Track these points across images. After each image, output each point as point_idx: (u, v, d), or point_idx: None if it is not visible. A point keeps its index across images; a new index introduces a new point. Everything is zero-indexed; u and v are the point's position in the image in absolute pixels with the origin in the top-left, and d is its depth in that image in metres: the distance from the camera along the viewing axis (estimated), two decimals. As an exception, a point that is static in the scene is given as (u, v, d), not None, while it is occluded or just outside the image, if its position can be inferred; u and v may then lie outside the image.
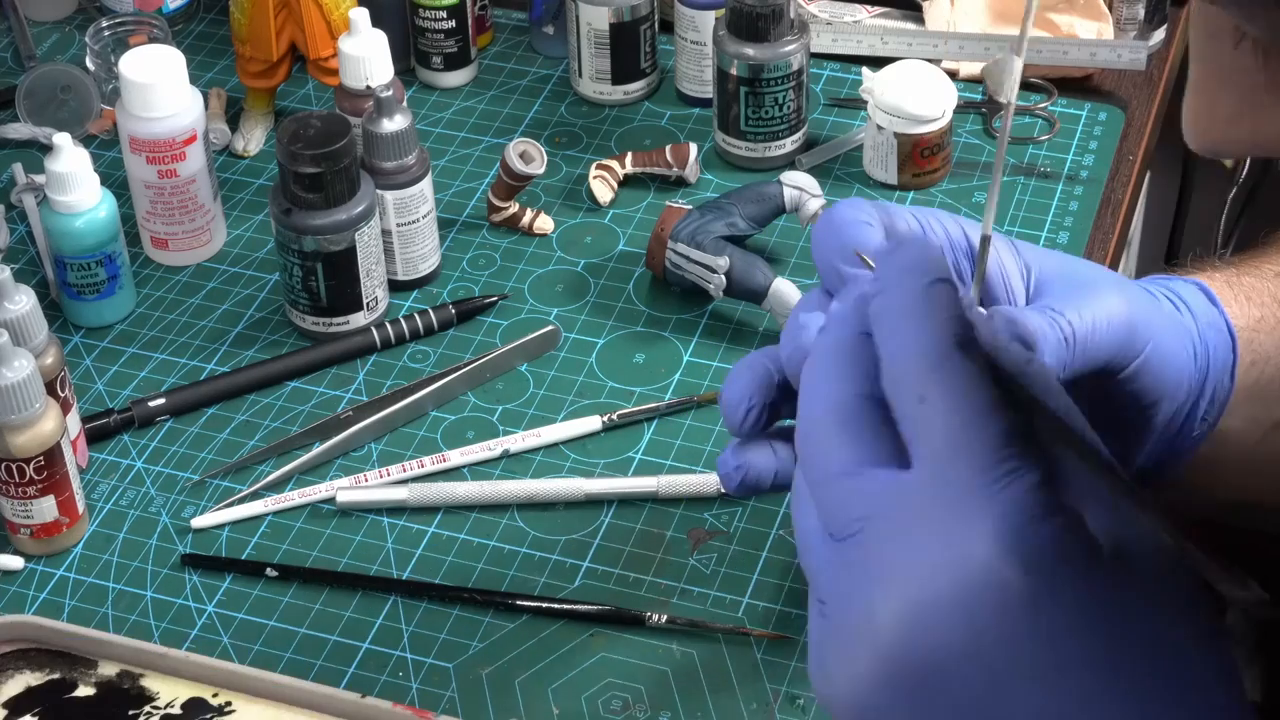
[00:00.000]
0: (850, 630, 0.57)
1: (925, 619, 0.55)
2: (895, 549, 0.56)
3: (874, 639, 0.56)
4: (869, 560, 0.57)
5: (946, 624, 0.54)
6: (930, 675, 0.55)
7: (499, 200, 1.27)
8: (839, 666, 0.57)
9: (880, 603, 0.56)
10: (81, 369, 1.19)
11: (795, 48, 1.28)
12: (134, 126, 1.21)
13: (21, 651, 0.98)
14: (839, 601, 0.57)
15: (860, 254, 0.73)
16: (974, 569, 0.54)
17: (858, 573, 0.57)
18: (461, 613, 1.03)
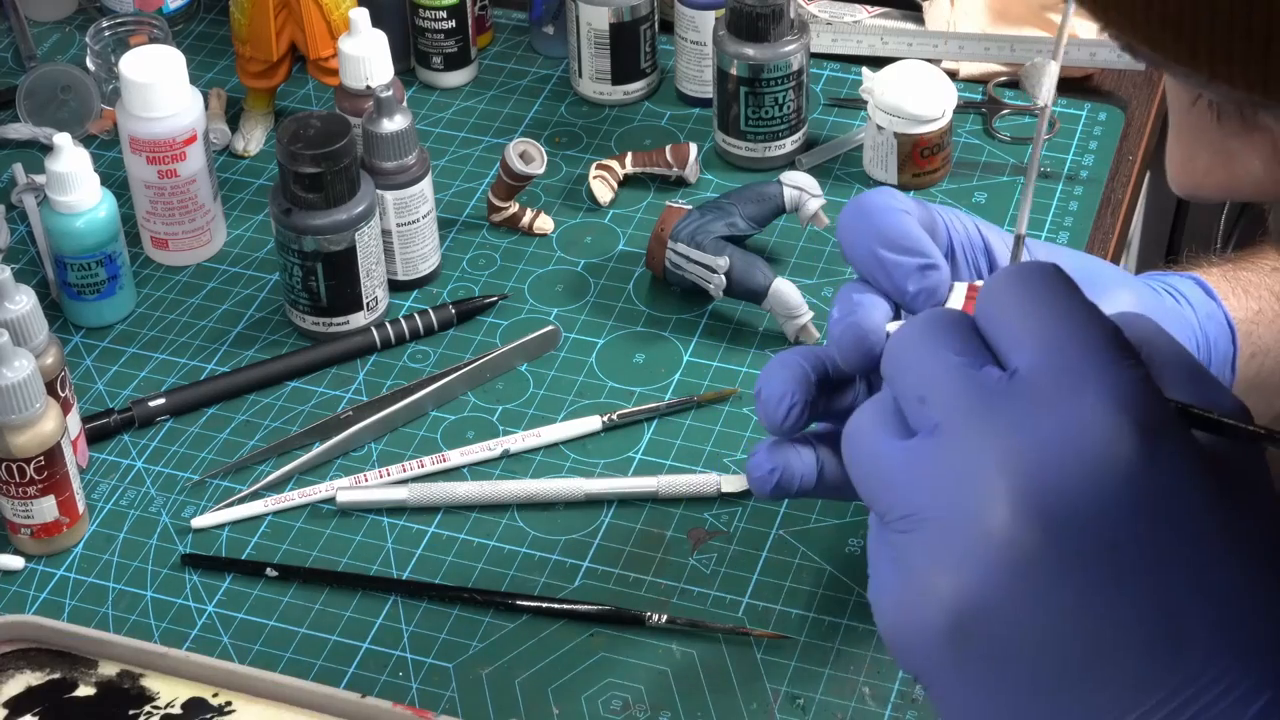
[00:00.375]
0: (958, 526, 0.55)
1: (1046, 495, 0.54)
2: (1005, 431, 0.55)
3: (990, 526, 0.55)
4: (977, 446, 0.56)
5: (1067, 499, 0.54)
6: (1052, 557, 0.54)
7: (499, 200, 1.27)
8: (945, 571, 0.55)
9: (993, 488, 0.55)
10: (82, 369, 1.19)
11: (795, 48, 1.28)
12: (134, 126, 1.21)
13: (22, 651, 0.98)
14: (935, 502, 0.56)
15: None
16: (1093, 439, 0.54)
17: (962, 463, 0.56)
18: (461, 613, 1.03)
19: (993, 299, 0.59)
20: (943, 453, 0.57)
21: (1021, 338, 0.57)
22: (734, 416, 1.14)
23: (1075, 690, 0.55)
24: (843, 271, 1.24)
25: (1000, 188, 1.31)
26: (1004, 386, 0.57)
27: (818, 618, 1.02)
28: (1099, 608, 0.54)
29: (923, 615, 0.56)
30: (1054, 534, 0.54)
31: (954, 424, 0.57)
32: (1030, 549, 0.54)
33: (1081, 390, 0.55)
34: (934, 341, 0.59)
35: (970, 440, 0.56)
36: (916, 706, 0.98)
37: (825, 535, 1.07)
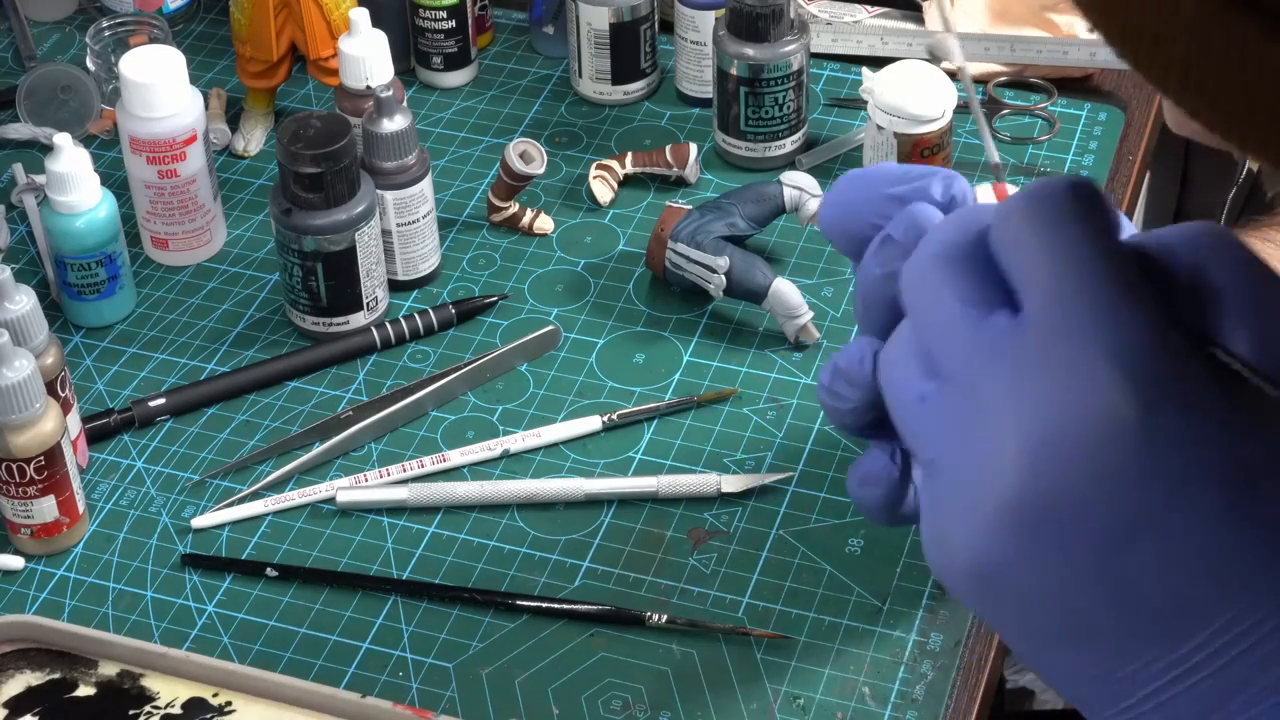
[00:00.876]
0: (967, 480, 0.55)
1: (1048, 455, 0.54)
2: (1012, 385, 0.55)
3: (996, 483, 0.54)
4: (985, 402, 0.55)
5: (1069, 459, 0.54)
6: (1056, 515, 0.54)
7: (499, 200, 1.27)
8: (958, 521, 0.56)
9: (1000, 444, 0.54)
10: (82, 369, 1.19)
11: (795, 48, 1.28)
12: (134, 126, 1.21)
13: (22, 651, 0.98)
14: (951, 452, 0.56)
15: None
16: (1095, 402, 0.53)
17: (972, 417, 0.56)
18: (461, 613, 1.03)
19: (1007, 227, 0.57)
20: (953, 402, 0.57)
21: (1030, 276, 0.56)
22: (734, 416, 1.14)
23: (1103, 638, 0.55)
24: (843, 271, 1.24)
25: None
26: (1008, 337, 0.56)
27: (818, 618, 1.02)
28: (1106, 568, 0.54)
29: (947, 557, 0.56)
30: (1057, 493, 0.54)
31: (966, 376, 0.56)
32: (1035, 506, 0.54)
33: (1084, 346, 0.54)
34: (942, 283, 0.58)
35: (981, 393, 0.56)
36: (916, 706, 0.98)
37: (825, 535, 1.07)
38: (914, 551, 1.05)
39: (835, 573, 1.04)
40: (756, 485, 1.09)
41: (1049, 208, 0.57)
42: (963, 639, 1.01)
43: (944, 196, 0.76)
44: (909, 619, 1.02)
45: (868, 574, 1.04)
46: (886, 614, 1.02)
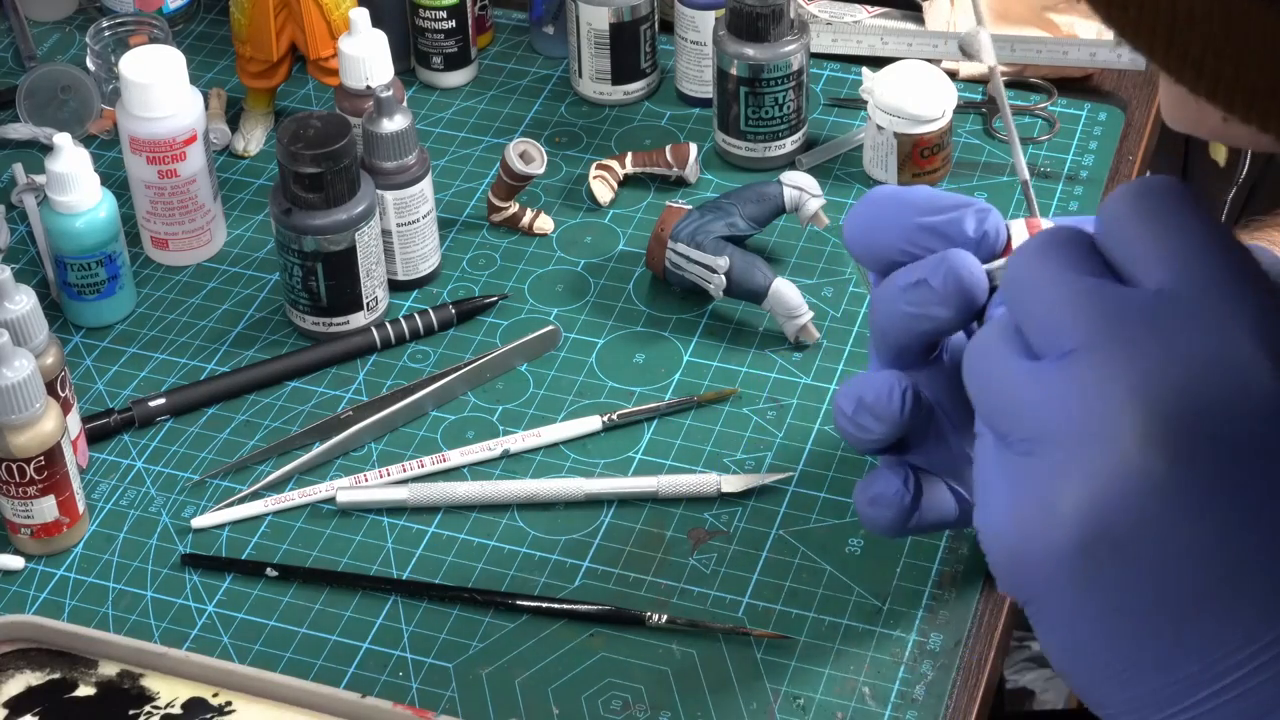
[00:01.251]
0: (1089, 448, 0.54)
1: (1181, 420, 0.53)
2: (1141, 355, 0.54)
3: (1123, 449, 0.53)
4: (1109, 371, 0.54)
5: (1204, 426, 0.53)
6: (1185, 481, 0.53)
7: (499, 200, 1.27)
8: (1075, 492, 0.54)
9: (1128, 412, 0.53)
10: (82, 369, 1.19)
11: (795, 48, 1.28)
12: (134, 126, 1.21)
13: (22, 651, 0.98)
14: (1066, 424, 0.55)
15: None
16: (1233, 367, 0.53)
17: (1096, 386, 0.55)
18: (461, 613, 1.03)
19: (1116, 216, 0.57)
20: (1076, 374, 0.55)
21: (1153, 257, 0.56)
22: (734, 416, 1.14)
23: (1199, 618, 0.54)
24: (843, 271, 1.24)
25: (1000, 188, 1.31)
26: (1137, 308, 0.55)
27: (818, 618, 1.02)
28: (1226, 538, 0.53)
29: (1047, 535, 0.55)
30: (1187, 462, 0.53)
31: (1086, 346, 0.55)
32: (1161, 475, 0.53)
33: (1220, 316, 0.54)
34: (1057, 262, 0.57)
35: (1103, 363, 0.55)
36: (916, 706, 0.98)
37: (825, 535, 1.07)
38: (914, 551, 1.05)
39: (835, 573, 1.04)
40: (756, 485, 1.09)
41: (1163, 195, 0.57)
42: (963, 639, 1.01)
43: (976, 232, 0.75)
44: (909, 619, 1.02)
45: (868, 574, 1.04)
46: (886, 614, 1.02)
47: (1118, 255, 0.57)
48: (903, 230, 0.76)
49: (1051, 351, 0.57)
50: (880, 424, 0.79)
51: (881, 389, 0.78)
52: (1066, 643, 0.56)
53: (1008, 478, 0.57)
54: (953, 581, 1.04)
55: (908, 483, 0.81)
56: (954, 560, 1.05)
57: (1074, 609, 0.56)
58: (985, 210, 0.77)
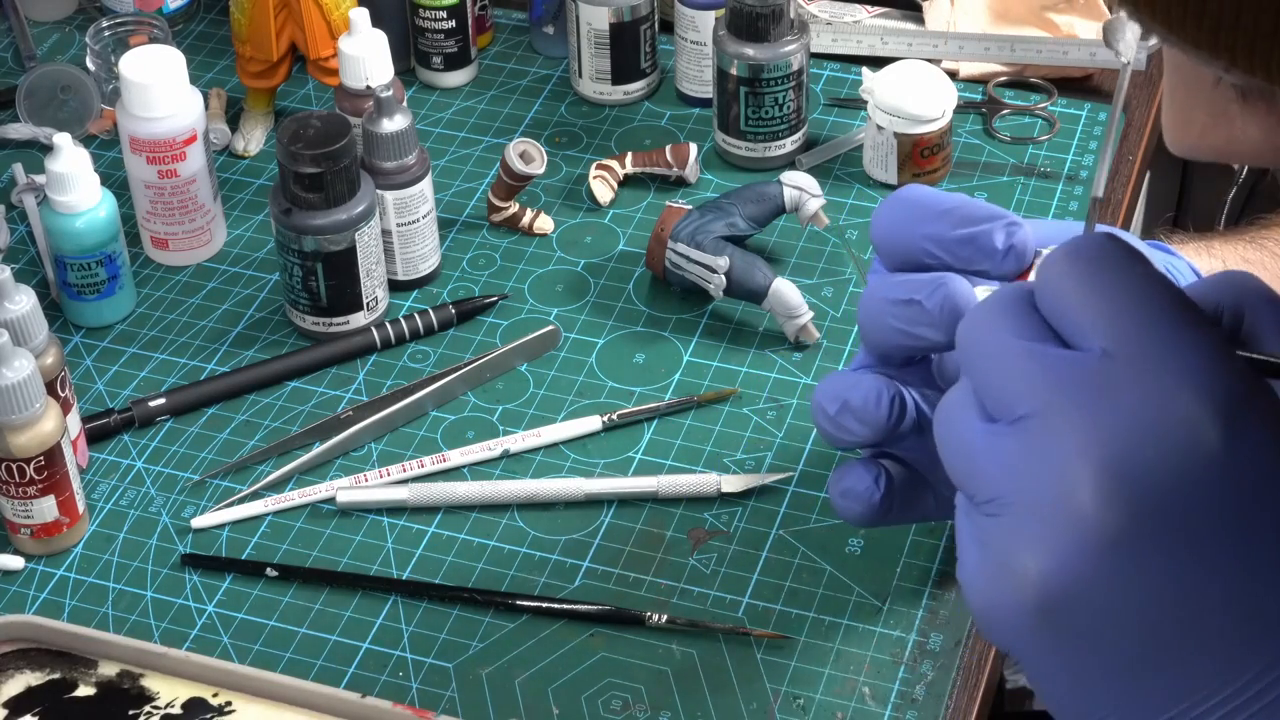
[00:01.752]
0: (1044, 511, 0.55)
1: (1130, 480, 0.54)
2: (1089, 417, 0.55)
3: (1076, 511, 0.55)
4: (1060, 434, 0.56)
5: (1151, 484, 0.54)
6: (1137, 539, 0.54)
7: (499, 200, 1.27)
8: (1032, 554, 0.56)
9: (1077, 474, 0.55)
10: (82, 369, 1.19)
11: (795, 48, 1.28)
12: (134, 126, 1.21)
13: (22, 651, 0.98)
14: (1021, 488, 0.56)
15: None
16: (1176, 424, 0.54)
17: (1047, 450, 0.56)
18: (461, 613, 1.03)
19: (1053, 278, 0.58)
20: (1027, 439, 0.57)
21: (1091, 319, 0.57)
22: (734, 416, 1.14)
23: (1164, 671, 0.55)
24: (843, 271, 1.24)
25: (1000, 188, 1.31)
26: (1080, 372, 0.56)
27: (818, 618, 1.02)
28: (1185, 590, 0.54)
29: (1012, 596, 0.56)
30: (1140, 517, 0.54)
31: (1035, 412, 0.57)
32: (1117, 532, 0.54)
33: (1160, 374, 0.55)
34: (1003, 327, 0.59)
35: (1053, 427, 0.56)
36: (916, 706, 0.98)
37: (825, 535, 1.07)
38: (914, 551, 1.05)
39: (835, 573, 1.04)
40: (756, 485, 1.09)
41: (1096, 254, 0.58)
42: (963, 639, 1.01)
43: (1005, 244, 0.76)
44: (909, 619, 1.02)
45: (868, 574, 1.04)
46: (886, 614, 1.02)
47: (1058, 320, 0.58)
48: (932, 235, 0.76)
49: (1006, 416, 0.58)
50: (864, 428, 0.80)
51: (870, 394, 0.79)
52: (1043, 690, 0.58)
53: (975, 538, 0.58)
54: (953, 581, 1.04)
55: (879, 480, 0.82)
56: (954, 560, 1.05)
57: (1044, 662, 0.57)
58: (1015, 226, 0.77)
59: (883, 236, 0.79)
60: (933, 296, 0.75)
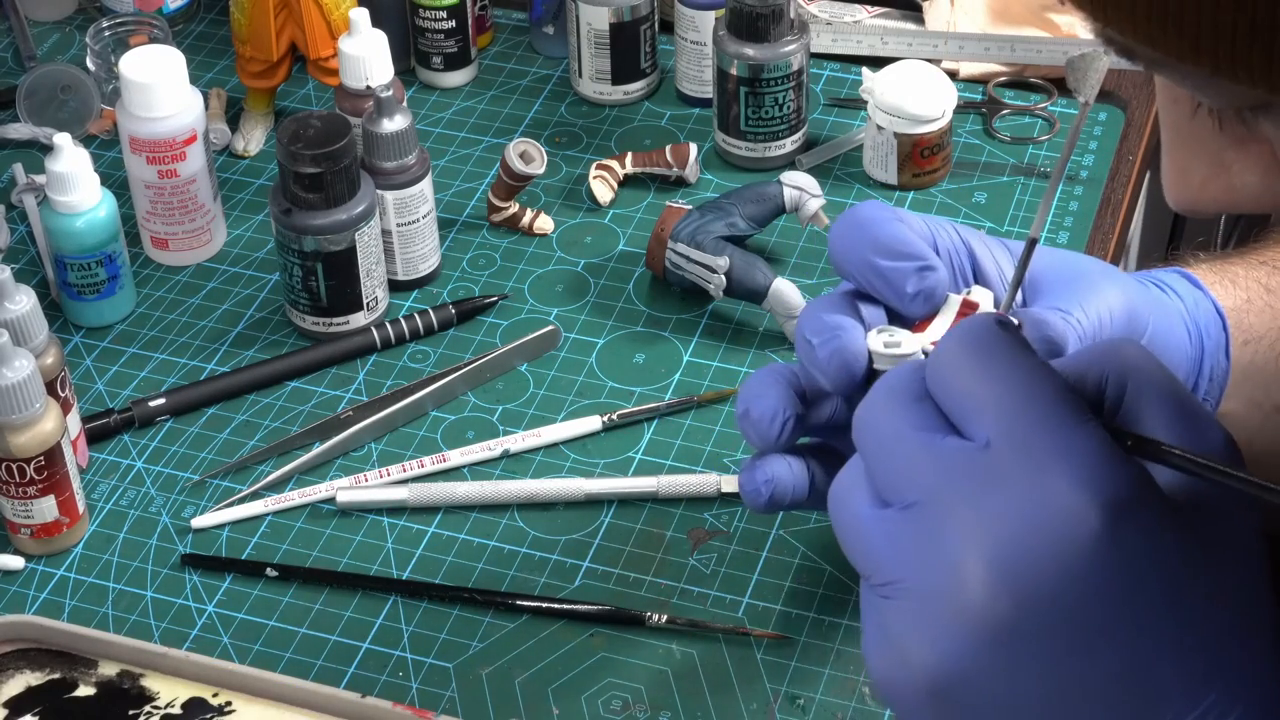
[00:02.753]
0: (933, 599, 0.57)
1: (1015, 571, 0.55)
2: (976, 507, 0.57)
3: (963, 601, 0.56)
4: (948, 523, 0.57)
5: (1036, 574, 0.55)
6: (1024, 629, 0.55)
7: (499, 200, 1.27)
8: (922, 641, 0.57)
9: (967, 562, 0.56)
10: (81, 369, 1.19)
11: (795, 48, 1.28)
12: (134, 126, 1.21)
13: (22, 651, 0.98)
14: (913, 574, 0.58)
15: None
16: (1058, 516, 0.55)
17: (936, 539, 0.57)
18: (461, 613, 1.03)
19: (943, 365, 0.60)
20: (915, 527, 0.58)
21: (977, 409, 0.59)
22: (734, 417, 1.14)
23: None
24: (843, 271, 1.24)
25: (1000, 188, 1.31)
26: (967, 463, 0.58)
27: (818, 618, 1.02)
28: (1073, 677, 0.56)
29: (906, 676, 0.58)
30: (1025, 609, 0.56)
31: (924, 501, 0.58)
32: (1003, 622, 0.56)
33: (1043, 466, 0.56)
34: (896, 411, 0.60)
35: (942, 516, 0.58)
36: (916, 706, 0.98)
37: (825, 535, 1.07)
38: (914, 551, 1.05)
39: (835, 573, 1.04)
40: (756, 485, 1.09)
41: (984, 341, 0.60)
42: (963, 639, 1.01)
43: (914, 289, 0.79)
44: (909, 619, 1.02)
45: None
46: (886, 614, 1.02)
47: (947, 405, 0.60)
48: (857, 262, 0.79)
49: (897, 501, 0.59)
50: (759, 440, 0.82)
51: (766, 412, 0.82)
52: None
53: (872, 618, 0.60)
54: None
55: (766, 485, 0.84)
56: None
57: None
58: (931, 270, 0.79)
59: (832, 255, 0.82)
60: (826, 345, 0.77)
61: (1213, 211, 0.59)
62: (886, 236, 0.79)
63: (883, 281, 0.79)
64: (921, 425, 0.59)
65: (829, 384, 0.78)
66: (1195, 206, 0.59)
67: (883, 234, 0.79)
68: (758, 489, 0.82)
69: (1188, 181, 0.58)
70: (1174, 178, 0.59)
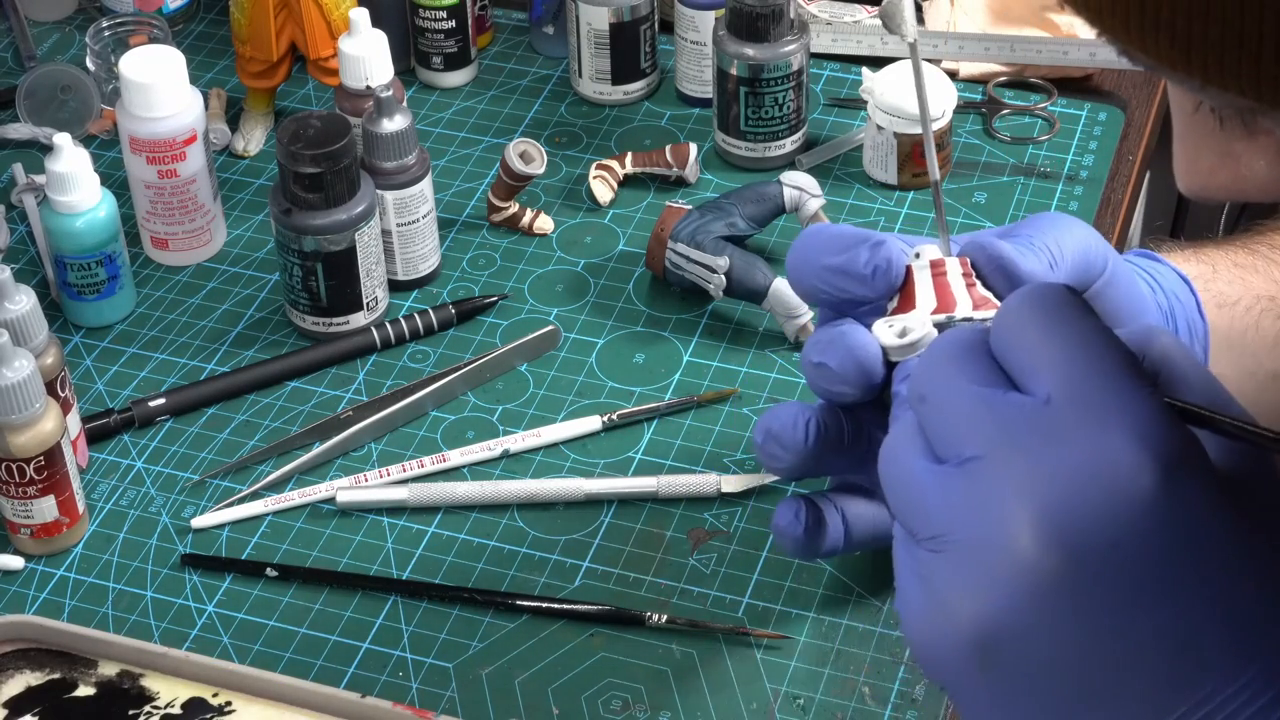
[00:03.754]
0: (983, 552, 0.57)
1: (1069, 524, 0.55)
2: (1031, 462, 0.57)
3: (1014, 553, 0.56)
4: (1002, 477, 0.57)
5: (1090, 527, 0.55)
6: (1075, 583, 0.55)
7: (499, 200, 1.27)
8: (970, 594, 0.57)
9: (1018, 516, 0.56)
10: (81, 369, 1.19)
11: (795, 48, 1.28)
12: (134, 126, 1.21)
13: (22, 651, 0.98)
14: (964, 527, 0.58)
15: None
16: (1116, 471, 0.55)
17: (989, 492, 0.57)
18: (461, 613, 1.03)
19: (1010, 324, 0.60)
20: (973, 481, 0.58)
21: (1041, 366, 0.59)
22: (734, 416, 1.14)
23: (1098, 711, 0.56)
24: (843, 271, 1.24)
25: (1000, 188, 1.31)
26: (1027, 417, 0.58)
27: (818, 618, 1.02)
28: (1119, 633, 0.56)
29: (950, 633, 0.58)
30: (1077, 562, 0.56)
31: (981, 454, 0.58)
32: (1054, 575, 0.56)
33: (1104, 422, 0.57)
34: (955, 370, 0.61)
35: (998, 470, 0.58)
36: (916, 706, 0.98)
37: (825, 535, 1.07)
38: (914, 551, 1.05)
39: (835, 573, 1.04)
40: (756, 485, 1.09)
41: (1051, 302, 0.60)
42: (963, 639, 1.01)
43: (868, 266, 0.79)
44: (909, 619, 1.02)
45: (868, 574, 1.04)
46: (886, 614, 1.02)
47: (1010, 362, 0.60)
48: (815, 270, 0.80)
49: (953, 457, 0.60)
50: (786, 452, 0.83)
51: (786, 419, 0.83)
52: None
53: (916, 574, 0.60)
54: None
55: (800, 515, 0.86)
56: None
57: (978, 699, 0.58)
58: (879, 243, 0.80)
59: (791, 282, 0.83)
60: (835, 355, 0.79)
61: (1223, 198, 0.59)
62: (828, 237, 0.81)
63: (840, 275, 0.80)
64: (981, 380, 0.60)
65: (853, 390, 0.79)
66: (1204, 194, 0.59)
67: (824, 238, 0.81)
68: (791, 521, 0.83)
69: (1196, 169, 0.59)
70: (1184, 165, 0.59)
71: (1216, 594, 0.55)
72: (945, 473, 0.59)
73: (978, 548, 0.57)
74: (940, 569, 0.58)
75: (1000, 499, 0.57)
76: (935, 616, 0.58)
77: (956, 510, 0.58)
